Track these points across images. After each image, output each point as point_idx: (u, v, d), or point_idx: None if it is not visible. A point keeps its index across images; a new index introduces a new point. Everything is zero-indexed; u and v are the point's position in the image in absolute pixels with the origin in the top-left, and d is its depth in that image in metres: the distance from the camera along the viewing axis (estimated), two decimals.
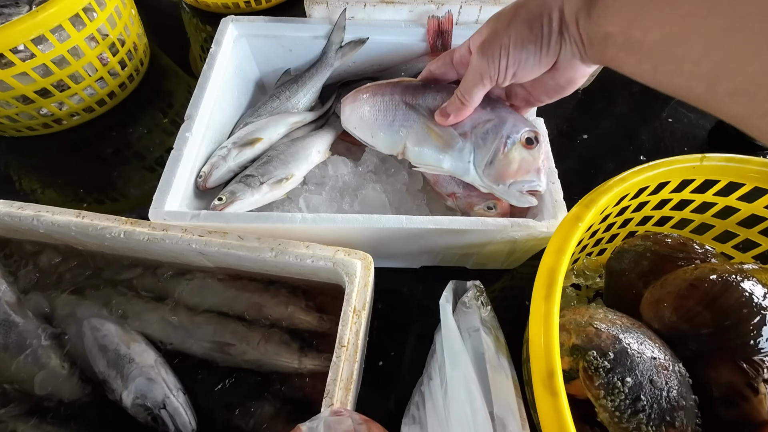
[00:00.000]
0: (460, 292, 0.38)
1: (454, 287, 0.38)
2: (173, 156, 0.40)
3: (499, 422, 0.29)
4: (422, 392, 0.37)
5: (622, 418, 0.28)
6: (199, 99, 0.44)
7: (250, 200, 0.42)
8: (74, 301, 0.38)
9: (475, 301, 0.36)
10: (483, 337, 0.33)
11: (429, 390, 0.35)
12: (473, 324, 0.34)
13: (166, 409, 0.32)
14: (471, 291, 0.37)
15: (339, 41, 0.53)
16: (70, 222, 0.35)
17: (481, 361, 0.31)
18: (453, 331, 0.33)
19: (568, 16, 0.21)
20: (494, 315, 0.36)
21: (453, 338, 0.32)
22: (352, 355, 0.30)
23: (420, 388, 0.38)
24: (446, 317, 0.34)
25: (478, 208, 0.39)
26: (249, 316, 0.38)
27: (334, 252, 0.34)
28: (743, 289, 0.31)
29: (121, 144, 0.63)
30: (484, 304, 0.36)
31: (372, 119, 0.38)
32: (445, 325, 0.34)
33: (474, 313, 0.35)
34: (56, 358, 0.36)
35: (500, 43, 0.24)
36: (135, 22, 0.63)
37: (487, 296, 0.37)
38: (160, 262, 0.40)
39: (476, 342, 0.33)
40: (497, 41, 0.24)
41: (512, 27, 0.23)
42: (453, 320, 0.34)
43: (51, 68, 0.52)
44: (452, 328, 0.33)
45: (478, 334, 0.33)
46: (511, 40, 0.23)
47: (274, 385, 0.35)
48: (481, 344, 0.32)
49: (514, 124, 0.32)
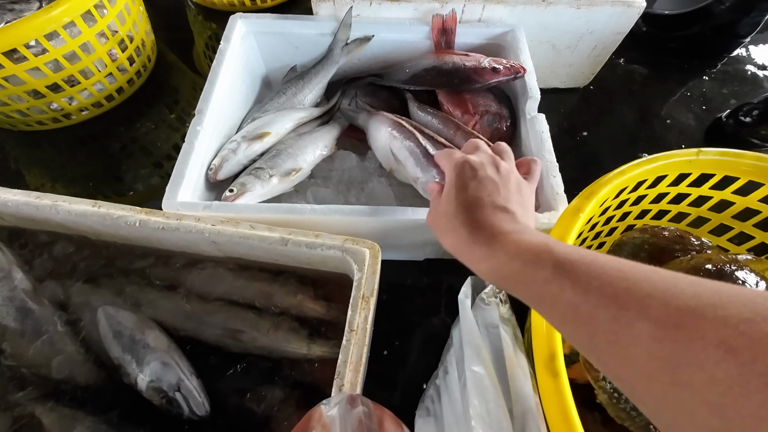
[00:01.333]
0: (478, 289, 0.39)
1: (473, 283, 0.38)
2: (185, 149, 0.41)
3: (517, 420, 0.29)
4: (437, 386, 0.37)
5: (620, 399, 0.29)
6: (210, 94, 0.45)
7: (260, 192, 0.43)
8: (89, 289, 0.39)
9: (493, 298, 0.36)
10: (502, 333, 0.33)
11: (445, 384, 0.35)
12: (492, 320, 0.34)
13: (180, 392, 0.33)
14: (490, 288, 0.37)
15: (345, 38, 0.54)
16: (86, 211, 0.36)
17: (500, 357, 0.32)
18: (472, 327, 0.33)
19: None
20: (512, 312, 0.36)
21: (472, 333, 0.33)
22: (361, 339, 0.31)
23: (435, 381, 0.38)
24: (465, 312, 0.34)
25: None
26: (259, 304, 0.39)
27: (343, 241, 0.35)
28: (737, 278, 0.33)
29: (128, 139, 0.64)
30: (503, 301, 0.36)
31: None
32: (464, 320, 0.34)
33: (493, 310, 0.35)
34: (72, 343, 0.37)
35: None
36: (143, 19, 0.64)
37: (506, 293, 0.37)
38: (172, 252, 0.41)
39: (495, 338, 0.33)
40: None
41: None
42: (472, 316, 0.34)
43: (62, 63, 0.53)
44: (471, 324, 0.33)
45: (497, 331, 0.33)
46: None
47: (285, 371, 0.36)
48: (500, 341, 0.32)
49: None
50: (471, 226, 0.26)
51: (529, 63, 0.50)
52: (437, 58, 0.52)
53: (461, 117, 0.50)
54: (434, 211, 0.31)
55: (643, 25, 0.74)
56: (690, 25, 0.71)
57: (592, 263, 0.20)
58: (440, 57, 0.52)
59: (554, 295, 0.20)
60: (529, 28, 0.54)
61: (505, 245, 0.24)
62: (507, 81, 0.50)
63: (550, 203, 0.41)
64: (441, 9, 0.52)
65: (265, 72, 0.60)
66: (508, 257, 0.23)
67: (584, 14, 0.54)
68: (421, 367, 0.45)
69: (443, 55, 0.52)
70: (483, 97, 0.51)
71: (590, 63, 0.63)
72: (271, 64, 0.59)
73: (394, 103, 0.56)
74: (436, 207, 0.30)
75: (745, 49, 0.77)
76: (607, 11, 0.54)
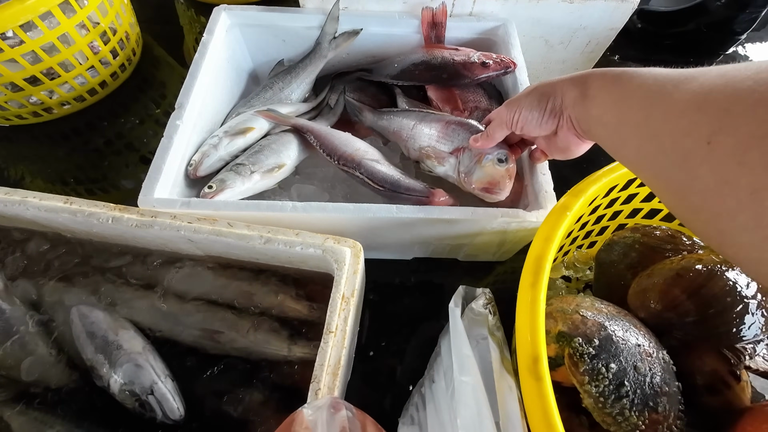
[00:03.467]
0: (469, 298, 0.38)
1: (463, 293, 0.38)
2: (163, 144, 0.40)
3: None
4: (423, 394, 0.36)
5: (606, 403, 0.28)
6: (190, 87, 0.44)
7: (240, 189, 0.41)
8: (62, 288, 0.38)
9: (483, 309, 0.36)
10: (491, 345, 0.32)
11: (431, 393, 0.35)
12: (481, 332, 0.34)
13: (153, 395, 0.32)
14: (480, 299, 0.37)
15: (332, 32, 0.52)
16: (57, 207, 0.34)
17: (488, 369, 0.31)
18: (462, 337, 0.33)
19: (566, 103, 0.30)
20: (500, 325, 0.36)
21: (462, 343, 0.32)
22: (340, 341, 0.30)
23: (420, 389, 0.38)
24: (455, 322, 0.34)
25: (489, 159, 0.41)
26: (239, 304, 0.38)
27: (324, 239, 0.34)
28: (727, 279, 0.32)
29: (113, 134, 0.63)
30: (493, 312, 0.36)
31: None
32: (453, 330, 0.33)
33: (483, 321, 0.35)
34: (44, 344, 0.36)
35: (519, 103, 0.34)
36: (127, 11, 0.63)
37: (495, 305, 0.37)
38: (150, 250, 0.40)
39: (483, 350, 0.32)
40: (517, 102, 0.35)
41: (529, 96, 0.33)
42: (462, 326, 0.34)
43: (40, 55, 0.51)
44: (461, 334, 0.33)
45: (486, 342, 0.33)
46: (524, 104, 0.34)
47: (263, 373, 0.35)
48: (489, 353, 0.32)
49: (491, 150, 0.42)
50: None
51: (520, 58, 0.49)
52: (426, 53, 0.51)
53: (451, 113, 0.49)
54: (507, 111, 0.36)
55: (638, 22, 0.73)
56: (685, 22, 0.70)
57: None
58: (430, 51, 0.51)
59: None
60: (521, 23, 0.53)
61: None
62: (497, 76, 0.48)
63: (539, 201, 0.40)
64: (431, 2, 0.51)
65: (251, 66, 0.59)
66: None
67: (577, 9, 0.53)
68: (408, 367, 0.44)
69: (433, 50, 0.51)
70: (473, 93, 0.50)
71: (584, 59, 0.62)
72: (257, 57, 0.58)
73: (383, 98, 0.54)
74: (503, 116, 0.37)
75: (741, 46, 0.76)
76: (600, 6, 0.53)
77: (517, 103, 0.34)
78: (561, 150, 0.36)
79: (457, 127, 0.44)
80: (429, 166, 0.45)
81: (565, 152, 0.36)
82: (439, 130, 0.44)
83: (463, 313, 0.36)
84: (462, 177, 0.42)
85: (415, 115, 0.46)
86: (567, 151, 0.36)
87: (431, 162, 0.44)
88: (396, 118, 0.48)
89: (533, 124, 0.34)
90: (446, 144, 0.44)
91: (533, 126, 0.34)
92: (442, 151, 0.44)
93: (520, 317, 0.28)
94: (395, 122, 0.48)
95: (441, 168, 0.44)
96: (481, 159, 0.41)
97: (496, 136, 0.39)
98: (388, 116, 0.49)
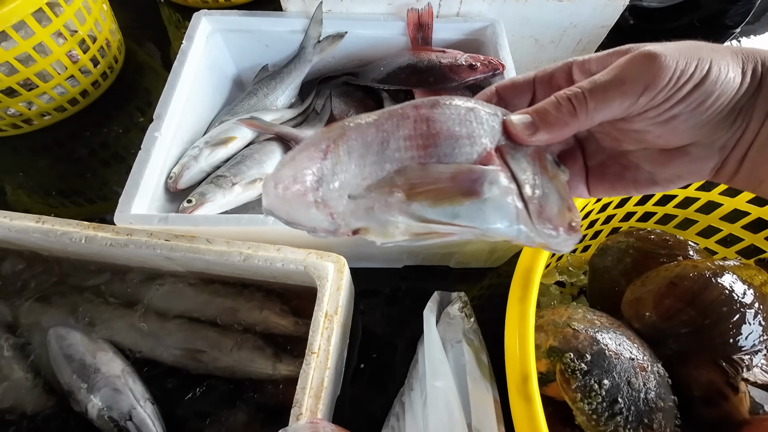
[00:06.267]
0: (444, 303, 0.38)
1: (439, 298, 0.38)
2: (140, 157, 0.39)
3: None
4: (402, 402, 0.36)
5: (599, 421, 0.27)
6: (169, 97, 0.43)
7: (221, 202, 0.40)
8: (39, 309, 0.37)
9: (459, 313, 0.36)
10: (465, 348, 0.32)
11: (410, 400, 0.34)
12: (456, 335, 0.34)
13: (132, 421, 0.31)
14: (456, 303, 0.37)
15: (317, 36, 0.51)
16: (28, 227, 0.33)
17: (462, 372, 0.31)
18: (435, 342, 0.32)
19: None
20: (477, 327, 0.35)
21: (435, 349, 0.32)
22: (323, 362, 0.29)
23: (401, 398, 0.38)
24: (429, 328, 0.34)
25: (549, 161, 0.20)
26: (222, 322, 0.37)
27: (306, 255, 0.32)
28: (723, 287, 0.31)
29: (97, 144, 0.61)
30: (468, 315, 0.35)
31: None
32: (427, 336, 0.33)
33: (458, 325, 0.34)
34: (19, 369, 0.34)
35: (699, 54, 0.17)
36: (107, 17, 0.61)
37: (471, 308, 0.36)
38: (129, 267, 0.38)
39: (458, 353, 0.32)
40: (697, 51, 0.17)
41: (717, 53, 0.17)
42: (436, 331, 0.33)
43: (16, 66, 0.49)
44: (435, 339, 0.33)
45: (461, 346, 0.32)
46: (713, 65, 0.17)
47: (247, 393, 0.34)
48: (463, 356, 0.32)
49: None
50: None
51: (509, 59, 0.47)
52: (413, 56, 0.50)
53: None
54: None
55: (630, 18, 0.72)
56: (678, 17, 0.69)
57: None
58: (416, 54, 0.50)
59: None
60: (509, 23, 0.51)
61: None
62: (485, 78, 0.47)
63: None
64: (416, 3, 0.49)
65: (235, 72, 0.58)
66: None
67: (567, 7, 0.51)
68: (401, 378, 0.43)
69: (419, 53, 0.50)
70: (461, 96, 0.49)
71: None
72: (241, 63, 0.56)
73: (370, 103, 0.53)
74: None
75: (735, 40, 0.75)
76: (590, 3, 0.51)
77: (698, 54, 0.17)
78: (656, 181, 0.20)
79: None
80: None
81: (657, 184, 0.21)
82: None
83: (440, 319, 0.36)
84: (535, 210, 0.18)
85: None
86: (662, 183, 0.20)
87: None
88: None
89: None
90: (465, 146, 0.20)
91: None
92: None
93: (509, 333, 0.27)
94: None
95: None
96: (544, 162, 0.20)
97: (599, 114, 0.18)
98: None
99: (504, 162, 0.18)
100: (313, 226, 0.19)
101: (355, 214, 0.18)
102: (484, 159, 0.18)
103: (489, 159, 0.18)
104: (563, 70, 0.21)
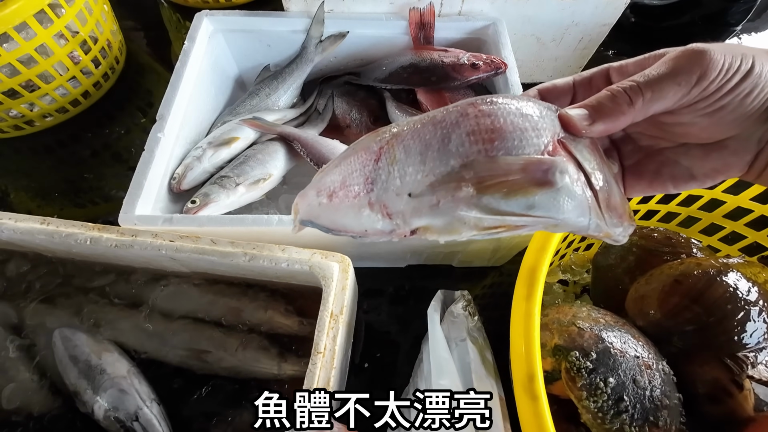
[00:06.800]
0: (448, 302, 0.38)
1: (442, 297, 0.38)
2: (144, 158, 0.39)
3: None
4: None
5: (605, 419, 0.27)
6: (172, 98, 0.43)
7: (225, 202, 0.40)
8: (44, 310, 0.37)
9: (462, 311, 0.36)
10: (469, 346, 0.32)
11: None
12: (460, 334, 0.34)
13: (138, 422, 0.31)
14: (460, 302, 0.37)
15: (318, 35, 0.51)
16: (33, 229, 0.33)
17: (467, 370, 0.31)
18: (440, 341, 0.32)
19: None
20: (481, 326, 0.35)
21: (440, 347, 0.32)
22: (329, 362, 0.29)
23: (406, 397, 0.38)
24: (434, 327, 0.34)
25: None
26: (226, 322, 0.37)
27: (311, 255, 0.32)
28: (728, 285, 0.31)
29: (99, 145, 0.61)
30: (472, 314, 0.35)
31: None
32: (432, 335, 0.33)
33: (462, 323, 0.34)
34: (25, 370, 0.34)
35: (741, 51, 0.18)
36: (108, 18, 0.61)
37: (475, 306, 0.36)
38: (134, 268, 0.38)
39: (462, 352, 0.32)
40: (739, 49, 0.18)
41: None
42: (440, 330, 0.34)
43: (18, 68, 0.50)
44: (439, 338, 0.33)
45: (465, 344, 0.32)
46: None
47: (253, 393, 0.34)
48: (468, 354, 0.32)
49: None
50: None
51: (511, 58, 0.47)
52: (415, 55, 0.50)
53: None
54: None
55: (631, 16, 0.72)
56: (679, 15, 0.69)
57: None
58: (418, 53, 0.50)
59: None
60: (511, 21, 0.51)
61: None
62: (487, 77, 0.47)
63: None
64: (418, 2, 0.49)
65: (237, 72, 0.58)
66: None
67: (569, 5, 0.51)
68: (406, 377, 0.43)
69: (421, 52, 0.50)
70: (463, 95, 0.49)
71: (577, 56, 0.61)
72: (243, 63, 0.56)
73: (372, 102, 0.53)
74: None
75: (737, 37, 0.75)
76: (592, 2, 0.51)
77: (740, 51, 0.18)
78: (697, 175, 0.21)
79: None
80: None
81: (696, 179, 0.21)
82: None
83: (444, 317, 0.36)
84: (603, 199, 0.18)
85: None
86: (702, 178, 0.21)
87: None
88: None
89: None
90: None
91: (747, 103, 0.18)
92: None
93: (515, 332, 0.27)
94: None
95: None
96: (602, 154, 0.20)
97: (654, 105, 0.18)
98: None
99: (569, 153, 0.18)
100: (364, 229, 0.19)
101: (418, 212, 0.18)
102: (550, 150, 0.18)
103: (555, 150, 0.18)
104: (601, 74, 0.22)
